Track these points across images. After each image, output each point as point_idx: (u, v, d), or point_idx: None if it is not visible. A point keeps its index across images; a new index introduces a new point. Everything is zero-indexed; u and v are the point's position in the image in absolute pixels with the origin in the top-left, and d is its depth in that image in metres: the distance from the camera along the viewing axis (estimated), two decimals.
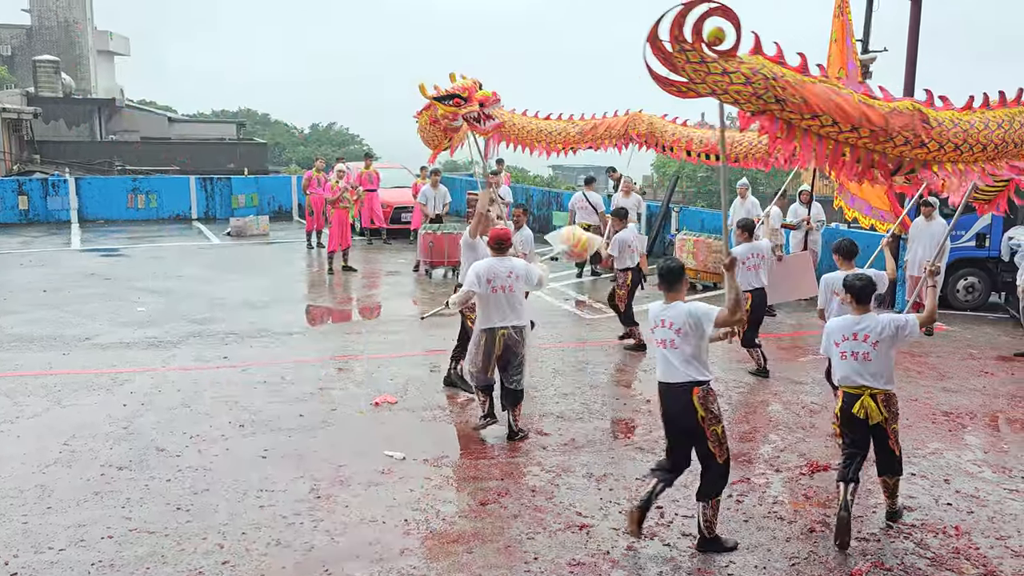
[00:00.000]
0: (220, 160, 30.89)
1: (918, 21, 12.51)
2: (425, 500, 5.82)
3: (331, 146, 54.58)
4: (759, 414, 7.81)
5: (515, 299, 6.90)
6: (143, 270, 14.90)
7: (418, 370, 8.99)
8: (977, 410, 8.11)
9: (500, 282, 6.80)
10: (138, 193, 22.36)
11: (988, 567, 5.04)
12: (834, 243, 7.45)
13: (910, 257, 11.40)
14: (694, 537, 5.30)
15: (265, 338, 10.22)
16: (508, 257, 6.98)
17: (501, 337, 6.84)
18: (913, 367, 9.59)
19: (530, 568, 4.92)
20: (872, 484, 6.22)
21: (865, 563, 5.02)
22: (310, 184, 17.46)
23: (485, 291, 6.78)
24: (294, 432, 7.06)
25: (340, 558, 5.00)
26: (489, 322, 6.85)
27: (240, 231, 19.78)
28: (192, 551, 5.04)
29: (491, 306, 6.82)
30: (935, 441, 7.22)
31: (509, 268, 6.89)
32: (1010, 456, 6.91)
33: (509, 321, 6.86)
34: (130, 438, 6.84)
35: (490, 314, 6.84)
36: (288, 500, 5.76)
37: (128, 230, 20.45)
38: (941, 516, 5.75)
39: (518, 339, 6.91)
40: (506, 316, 6.85)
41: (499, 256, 6.95)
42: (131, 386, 8.19)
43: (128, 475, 6.12)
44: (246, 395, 7.98)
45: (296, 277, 14.93)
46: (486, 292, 6.78)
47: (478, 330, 6.95)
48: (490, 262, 6.89)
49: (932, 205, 11.21)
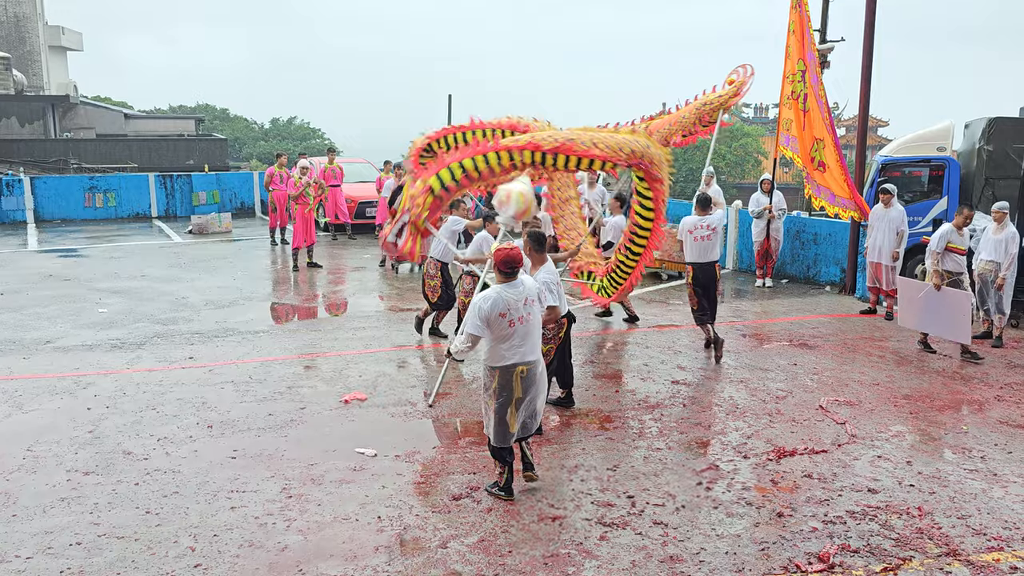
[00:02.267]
0: (179, 157, 30.45)
1: (874, 11, 12.71)
2: (398, 496, 5.82)
3: (293, 141, 54.04)
4: (726, 401, 7.92)
5: (532, 328, 5.76)
6: (103, 270, 14.65)
7: (387, 366, 8.97)
8: (937, 393, 8.31)
9: (516, 314, 5.65)
10: (96, 192, 21.96)
11: (951, 546, 5.18)
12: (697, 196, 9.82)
13: (869, 243, 11.61)
14: (664, 524, 5.38)
15: (231, 337, 10.12)
16: (519, 280, 5.79)
17: (519, 376, 5.70)
18: (875, 351, 9.78)
19: (505, 561, 4.95)
20: (839, 468, 6.35)
21: (833, 545, 5.13)
22: (272, 180, 17.29)
23: (501, 331, 5.64)
24: (263, 432, 7.01)
25: (314, 557, 4.99)
26: (502, 359, 5.67)
27: (202, 229, 19.54)
28: (163, 555, 4.99)
29: (505, 342, 5.66)
30: (897, 424, 7.38)
31: (523, 295, 5.72)
32: (969, 437, 7.09)
33: (528, 356, 5.71)
34: (96, 442, 6.75)
35: (502, 351, 5.66)
36: (259, 500, 5.72)
37: (86, 230, 20.09)
38: (904, 497, 5.88)
39: (539, 374, 5.81)
40: (524, 350, 5.70)
41: (509, 282, 5.75)
42: (95, 389, 8.06)
43: (95, 480, 6.04)
44: (213, 395, 7.90)
45: (261, 275, 14.78)
46: (502, 331, 5.64)
47: (487, 369, 5.77)
48: (498, 294, 5.65)
49: (890, 192, 11.42)
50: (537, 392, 5.78)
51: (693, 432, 7.12)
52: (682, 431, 7.13)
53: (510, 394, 5.66)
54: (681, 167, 44.21)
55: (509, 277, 5.74)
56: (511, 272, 5.74)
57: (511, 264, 5.73)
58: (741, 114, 53.97)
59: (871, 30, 12.77)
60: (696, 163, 41.51)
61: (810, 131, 12.78)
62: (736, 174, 45.17)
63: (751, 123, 51.77)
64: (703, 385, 8.45)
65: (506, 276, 5.73)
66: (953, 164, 13.05)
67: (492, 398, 5.71)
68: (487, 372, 5.74)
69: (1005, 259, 9.92)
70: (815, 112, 12.64)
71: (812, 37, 12.99)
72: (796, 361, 9.34)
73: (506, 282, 5.72)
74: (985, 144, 12.43)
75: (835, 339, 10.41)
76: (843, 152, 12.74)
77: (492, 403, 5.71)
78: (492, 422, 5.74)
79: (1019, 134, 12.16)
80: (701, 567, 4.91)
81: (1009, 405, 7.93)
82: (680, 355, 9.56)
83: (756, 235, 14.08)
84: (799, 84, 12.90)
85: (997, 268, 9.96)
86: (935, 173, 13.16)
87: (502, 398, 5.67)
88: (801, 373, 8.87)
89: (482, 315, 5.59)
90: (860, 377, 8.76)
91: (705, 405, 7.83)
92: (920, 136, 13.66)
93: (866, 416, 7.57)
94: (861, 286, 12.74)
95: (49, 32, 43.19)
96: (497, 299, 5.61)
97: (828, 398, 8.01)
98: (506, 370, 5.66)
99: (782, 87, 13.34)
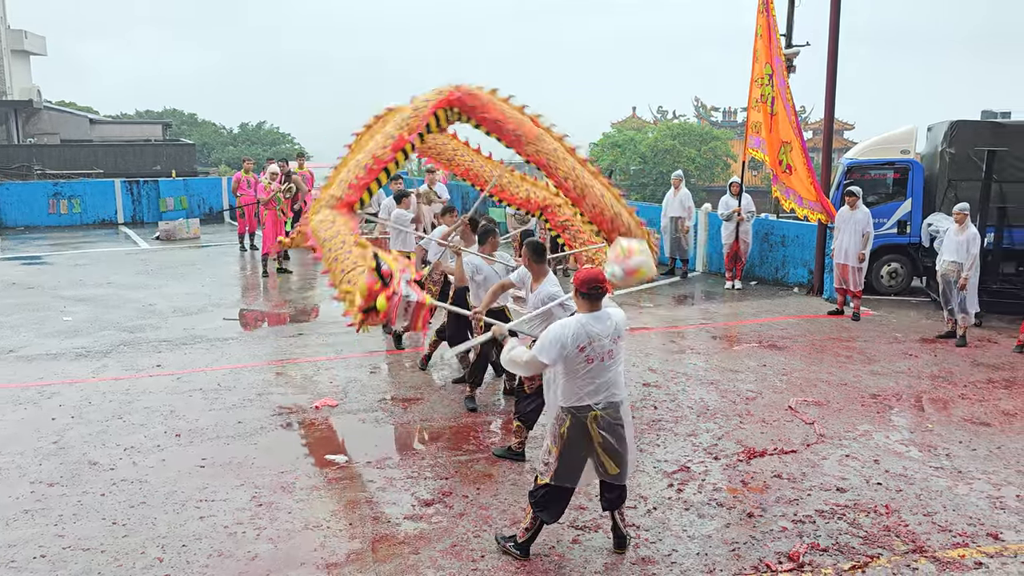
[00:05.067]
0: (146, 162, 30.05)
1: (838, 15, 12.90)
2: (369, 503, 5.78)
3: (262, 146, 53.58)
4: (696, 402, 7.98)
5: (616, 366, 4.93)
6: (68, 278, 14.42)
7: (358, 372, 8.91)
8: (903, 392, 8.43)
9: (600, 349, 4.81)
10: (60, 198, 21.63)
11: (917, 542, 5.25)
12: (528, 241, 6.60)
13: (836, 245, 11.76)
14: (636, 527, 5.40)
15: (199, 344, 10.00)
16: (606, 309, 4.93)
17: (593, 421, 4.85)
18: (842, 352, 9.91)
19: (478, 567, 4.94)
20: (808, 467, 6.42)
21: (802, 544, 5.18)
22: (240, 186, 17.15)
23: (580, 368, 4.80)
24: (233, 440, 6.94)
25: (284, 565, 4.94)
26: (575, 398, 4.86)
27: (169, 235, 19.33)
28: (131, 566, 4.92)
29: (581, 378, 4.83)
30: (865, 423, 7.47)
31: (609, 327, 4.85)
32: (935, 435, 7.20)
33: (606, 397, 4.87)
34: (60, 453, 6.63)
35: (577, 388, 4.84)
36: (229, 509, 5.66)
37: (51, 237, 19.77)
38: (872, 496, 5.96)
39: (619, 419, 4.93)
40: (601, 390, 4.86)
41: (593, 311, 4.87)
42: (60, 399, 7.92)
43: (60, 491, 5.93)
44: (182, 404, 7.80)
45: (230, 281, 14.63)
46: (581, 369, 4.81)
47: (557, 410, 4.97)
48: (580, 324, 4.79)
49: (856, 195, 11.58)
50: (619, 439, 4.91)
51: (664, 434, 7.15)
52: (653, 433, 7.16)
53: (583, 440, 4.87)
54: (651, 171, 44.53)
55: (594, 304, 4.87)
56: (597, 294, 4.85)
57: (595, 286, 4.83)
58: (710, 118, 54.45)
59: (835, 34, 12.95)
60: (666, 167, 41.83)
61: (777, 134, 12.92)
62: (705, 177, 45.53)
63: (720, 127, 52.20)
64: (674, 387, 8.50)
65: (590, 302, 4.86)
66: (917, 167, 13.28)
67: (559, 441, 4.90)
68: (558, 412, 4.94)
69: (967, 260, 10.10)
70: (782, 115, 12.79)
71: (779, 41, 13.16)
72: (765, 362, 9.43)
73: (591, 310, 4.87)
74: (947, 147, 12.65)
75: (803, 340, 10.53)
76: (809, 155, 12.90)
77: (558, 446, 4.90)
78: (554, 461, 4.91)
79: (980, 137, 12.39)
80: (673, 568, 4.93)
81: (973, 403, 8.07)
82: (651, 357, 9.61)
83: (725, 238, 14.20)
84: (767, 88, 13.05)
85: (959, 268, 10.14)
86: (899, 176, 13.38)
87: (572, 443, 4.88)
88: (770, 374, 8.96)
89: (562, 340, 4.75)
90: (828, 377, 8.87)
91: (676, 407, 7.87)
92: (884, 139, 13.88)
93: (834, 416, 7.66)
94: (829, 287, 12.90)
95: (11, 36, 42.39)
96: (582, 329, 4.77)
97: (797, 398, 8.10)
98: (579, 412, 4.85)
99: (750, 90, 13.49)
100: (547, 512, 4.98)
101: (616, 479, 4.98)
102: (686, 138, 46.66)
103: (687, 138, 46.69)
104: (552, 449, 4.93)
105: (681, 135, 46.96)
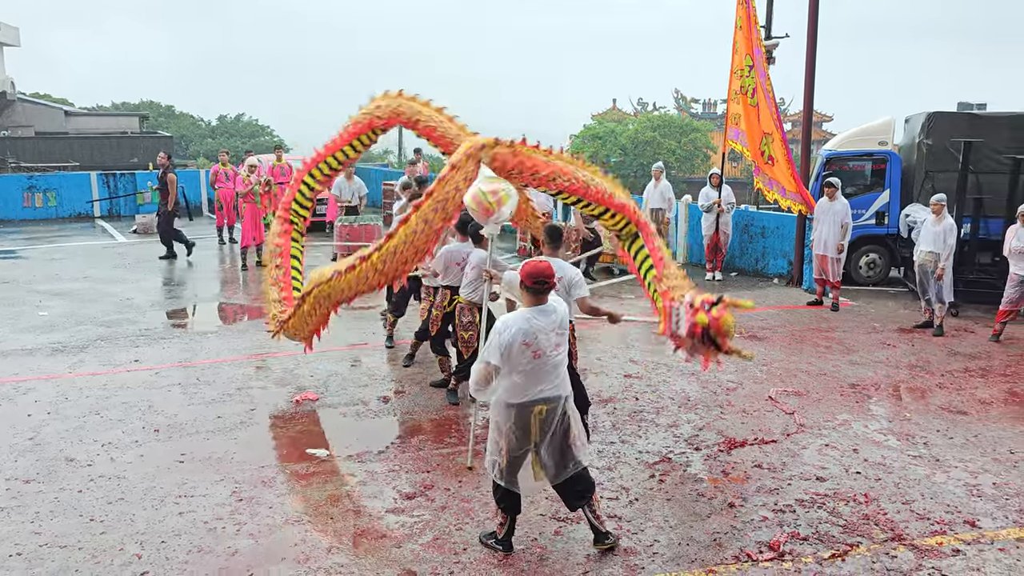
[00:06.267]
0: (123, 155, 29.71)
1: (817, 7, 12.95)
2: (350, 497, 5.76)
3: (240, 138, 53.13)
4: (678, 393, 8.00)
5: (559, 360, 4.86)
6: (44, 272, 14.23)
7: (338, 365, 8.87)
8: (881, 381, 8.50)
9: (544, 343, 4.73)
10: (35, 191, 21.34)
11: (896, 531, 5.30)
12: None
13: (815, 236, 11.83)
14: (618, 517, 5.41)
15: (178, 339, 9.91)
16: (549, 303, 4.84)
17: (538, 417, 4.79)
18: (822, 342, 9.98)
19: (460, 559, 4.93)
20: (788, 457, 6.46)
21: (783, 534, 5.21)
22: (217, 178, 16.99)
23: (525, 364, 4.72)
24: (212, 434, 6.88)
25: (265, 560, 4.91)
26: (521, 394, 4.78)
27: (147, 228, 19.10)
28: (108, 563, 4.87)
29: (526, 373, 4.75)
30: (844, 413, 7.53)
31: (554, 321, 4.79)
32: (912, 424, 7.27)
33: (550, 391, 4.81)
34: (36, 449, 6.54)
35: (523, 385, 4.77)
36: (209, 505, 5.61)
37: (26, 230, 19.51)
38: (851, 485, 6.01)
39: (565, 413, 4.88)
40: (546, 385, 4.80)
41: (538, 304, 4.80)
42: (35, 395, 7.82)
43: (36, 488, 5.86)
44: (160, 399, 7.73)
45: (208, 274, 14.50)
46: (526, 365, 4.72)
47: (501, 406, 4.84)
48: (524, 319, 4.72)
49: (834, 186, 11.65)
50: (563, 431, 4.86)
51: (646, 425, 7.17)
52: (635, 424, 7.18)
53: (527, 437, 4.82)
54: (632, 163, 44.59)
55: (539, 298, 4.78)
56: (542, 291, 4.78)
57: (541, 280, 4.74)
58: (691, 110, 54.60)
59: (814, 26, 13.01)
60: (646, 158, 41.91)
61: (759, 125, 12.96)
62: (686, 169, 45.68)
63: (700, 118, 52.39)
64: (655, 378, 8.52)
65: (535, 296, 4.77)
66: (895, 158, 13.38)
67: (504, 439, 4.84)
68: (502, 408, 4.83)
69: (944, 250, 10.20)
70: (763, 106, 12.83)
71: (758, 33, 13.19)
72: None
73: (536, 304, 4.78)
74: (925, 138, 12.75)
75: (783, 330, 10.59)
76: (789, 146, 12.96)
77: (504, 444, 4.84)
78: (501, 462, 4.88)
79: (956, 128, 12.50)
80: (655, 559, 4.95)
81: (950, 392, 8.15)
82: (632, 349, 9.63)
83: (706, 229, 14.25)
84: (747, 79, 13.08)
85: (936, 259, 10.23)
86: (878, 167, 13.49)
87: (517, 440, 4.81)
88: (751, 365, 9.00)
89: (503, 343, 4.66)
90: (808, 367, 8.93)
91: (657, 398, 7.90)
92: (863, 131, 13.98)
93: (814, 406, 7.72)
94: (808, 278, 12.98)
95: None
96: (524, 326, 4.69)
97: (777, 389, 8.15)
98: (523, 408, 4.77)
99: (730, 82, 13.51)
100: (507, 507, 4.97)
101: (574, 466, 4.88)
102: (666, 130, 46.77)
103: (667, 130, 46.80)
104: (501, 444, 4.85)
105: (661, 127, 47.07)
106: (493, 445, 4.93)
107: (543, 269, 4.76)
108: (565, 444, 4.88)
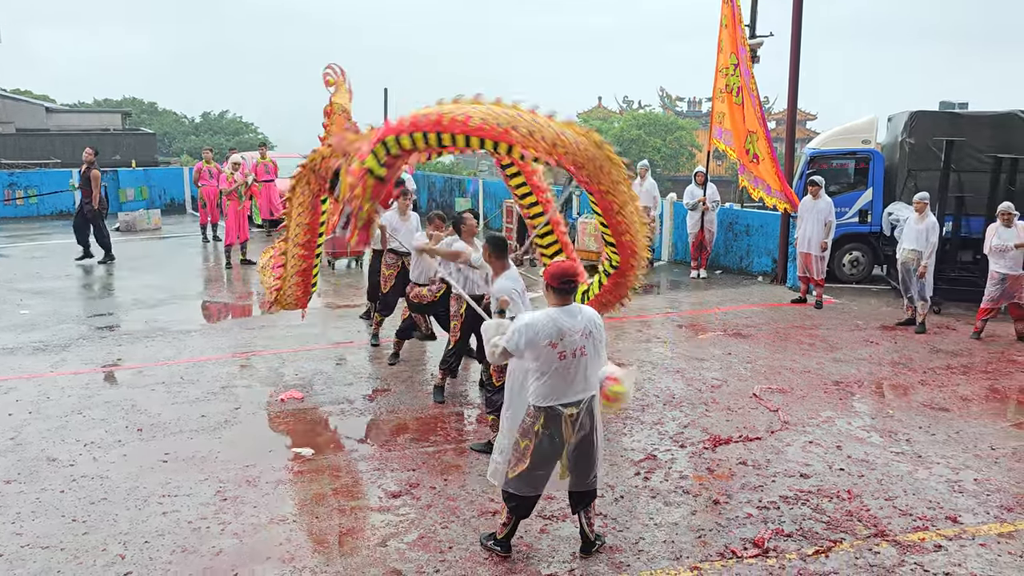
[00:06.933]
0: (105, 152, 29.45)
1: (800, 6, 13.00)
2: (336, 496, 5.74)
3: (224, 135, 52.83)
4: (663, 391, 8.03)
5: (591, 363, 4.71)
6: (25, 270, 14.10)
7: (324, 364, 8.84)
8: (864, 378, 8.56)
9: (572, 344, 4.60)
10: (16, 188, 21.13)
11: (879, 527, 5.34)
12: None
13: (799, 234, 11.89)
14: (604, 515, 5.42)
15: (161, 337, 9.84)
16: (577, 304, 4.77)
17: (569, 420, 4.67)
18: (805, 339, 10.03)
19: (445, 558, 4.93)
20: (772, 454, 6.49)
21: (767, 530, 5.24)
22: (201, 176, 16.91)
23: (548, 363, 4.60)
24: (196, 434, 6.84)
25: (249, 560, 4.88)
26: (551, 397, 4.64)
27: (130, 226, 19.00)
28: (91, 564, 4.83)
29: (554, 376, 4.62)
30: (827, 410, 7.58)
31: (584, 323, 4.67)
32: (895, 421, 7.33)
33: (579, 395, 4.69)
34: (18, 449, 6.48)
35: (551, 386, 4.64)
36: (193, 504, 5.58)
37: (5, 228, 19.32)
38: (835, 481, 6.05)
39: (592, 419, 4.78)
40: (576, 387, 4.67)
41: (564, 304, 4.69)
42: (16, 394, 7.75)
43: (17, 488, 5.80)
44: (143, 398, 7.68)
45: (192, 272, 14.42)
46: (550, 364, 4.60)
47: (531, 409, 4.71)
48: (551, 319, 4.58)
49: (818, 184, 11.71)
50: (588, 443, 4.78)
51: (631, 423, 7.19)
52: (620, 422, 7.19)
53: (560, 439, 4.69)
54: None
55: (565, 298, 4.67)
56: (568, 290, 4.67)
57: (567, 279, 4.64)
58: (676, 108, 54.76)
59: (798, 25, 13.07)
60: (632, 156, 42.00)
61: (744, 124, 13.01)
62: (671, 167, 45.83)
63: (685, 117, 52.55)
64: (640, 376, 8.54)
65: (561, 296, 4.67)
66: (877, 156, 13.47)
67: (531, 440, 4.70)
68: (531, 412, 4.70)
69: (926, 248, 10.28)
70: (748, 105, 12.88)
71: (743, 32, 13.24)
72: (731, 350, 9.52)
73: (561, 304, 4.67)
74: (907, 137, 12.85)
75: (768, 328, 10.65)
76: (773, 145, 13.03)
77: (530, 445, 4.70)
78: (522, 465, 4.74)
79: (938, 127, 12.60)
80: (640, 556, 4.96)
81: (932, 389, 8.22)
82: (618, 341, 9.65)
83: (691, 227, 14.31)
84: (732, 78, 13.13)
85: (919, 256, 10.31)
86: (861, 165, 13.57)
87: (549, 443, 4.69)
88: (735, 362, 9.05)
89: (531, 333, 4.56)
90: (792, 365, 8.98)
91: (642, 396, 7.92)
92: (846, 129, 14.07)
93: (798, 403, 7.76)
94: (792, 276, 13.05)
95: None
96: (551, 323, 4.56)
97: (761, 386, 8.19)
98: (551, 412, 4.65)
99: (715, 81, 13.56)
100: (519, 512, 4.91)
101: (591, 483, 4.87)
102: (651, 128, 46.90)
103: (652, 128, 46.94)
104: (524, 445, 4.73)
105: (647, 125, 47.20)
106: (507, 450, 4.86)
107: (567, 268, 4.68)
108: (591, 450, 4.79)
